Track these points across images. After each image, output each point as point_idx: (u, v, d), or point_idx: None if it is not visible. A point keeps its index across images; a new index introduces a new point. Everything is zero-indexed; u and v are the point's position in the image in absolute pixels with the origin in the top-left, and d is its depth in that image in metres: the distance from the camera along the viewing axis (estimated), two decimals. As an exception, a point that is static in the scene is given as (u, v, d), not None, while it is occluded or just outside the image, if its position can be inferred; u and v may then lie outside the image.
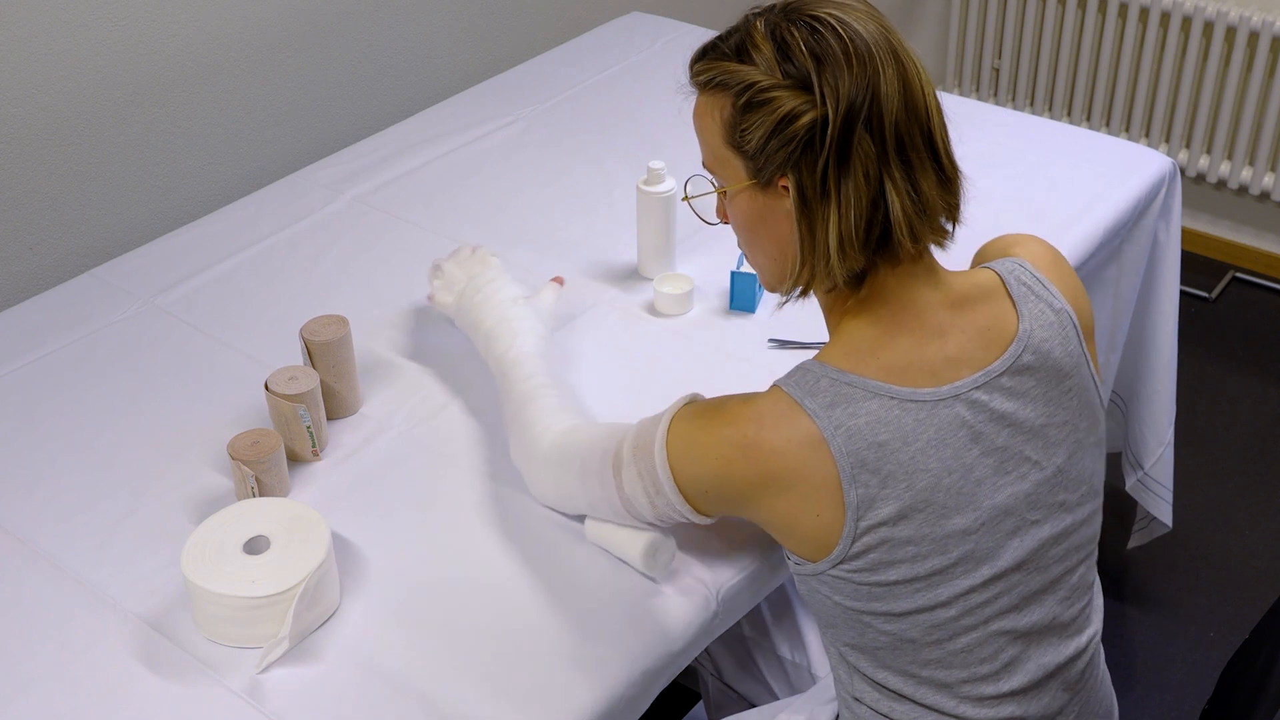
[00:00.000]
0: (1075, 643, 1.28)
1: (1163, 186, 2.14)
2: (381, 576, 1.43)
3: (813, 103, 1.12)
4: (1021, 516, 1.21)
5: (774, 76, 1.14)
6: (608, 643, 1.35)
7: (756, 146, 1.16)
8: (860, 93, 1.12)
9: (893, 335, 1.19)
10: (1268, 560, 2.52)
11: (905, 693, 1.24)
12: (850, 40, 1.13)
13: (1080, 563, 1.28)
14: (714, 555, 1.44)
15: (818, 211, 1.15)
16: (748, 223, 1.23)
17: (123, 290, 1.92)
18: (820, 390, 1.16)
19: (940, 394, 1.17)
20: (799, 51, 1.13)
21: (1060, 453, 1.23)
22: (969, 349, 1.19)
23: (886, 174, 1.13)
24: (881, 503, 1.15)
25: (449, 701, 1.29)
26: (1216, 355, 3.08)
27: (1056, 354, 1.22)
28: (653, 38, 2.63)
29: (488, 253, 1.75)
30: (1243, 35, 3.08)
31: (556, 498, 1.45)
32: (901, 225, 1.14)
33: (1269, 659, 1.31)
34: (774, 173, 1.16)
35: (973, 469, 1.18)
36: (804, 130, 1.13)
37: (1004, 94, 3.56)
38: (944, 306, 1.20)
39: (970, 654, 1.22)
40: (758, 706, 1.66)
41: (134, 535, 1.49)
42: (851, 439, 1.14)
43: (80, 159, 2.04)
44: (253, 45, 2.23)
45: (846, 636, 1.25)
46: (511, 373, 1.56)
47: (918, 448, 1.16)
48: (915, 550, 1.17)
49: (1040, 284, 1.25)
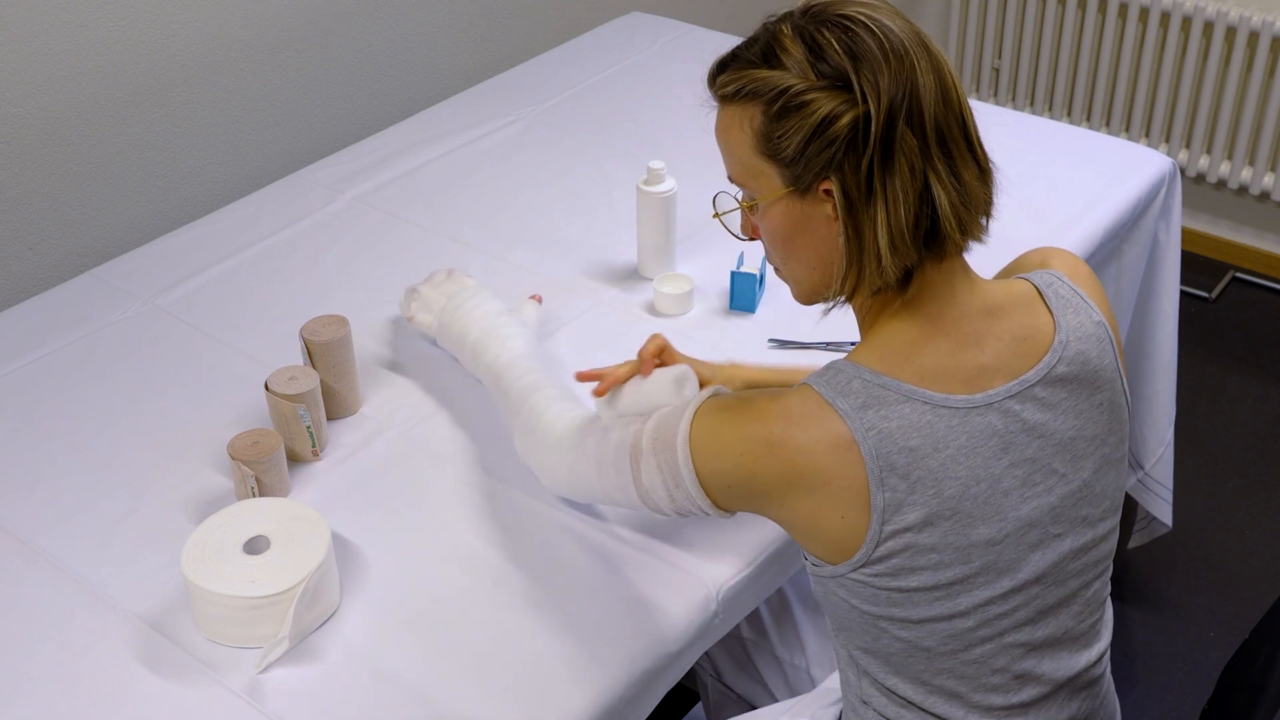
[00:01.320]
0: (1086, 656, 1.27)
1: (1163, 186, 2.14)
2: (381, 576, 1.43)
3: (852, 102, 1.11)
4: (1045, 529, 1.20)
5: (808, 79, 1.12)
6: (608, 643, 1.35)
7: (794, 153, 1.14)
8: (900, 88, 1.11)
9: (929, 338, 1.17)
10: (1268, 560, 2.52)
11: (915, 701, 1.23)
12: (885, 37, 1.12)
13: (1096, 578, 1.27)
14: (714, 556, 1.44)
15: (864, 212, 1.13)
16: (785, 233, 1.20)
17: (123, 290, 1.92)
18: (853, 391, 1.15)
19: (974, 401, 1.16)
20: (834, 51, 1.12)
21: (1087, 466, 1.22)
22: (1004, 357, 1.18)
23: (930, 168, 1.12)
24: (908, 508, 1.14)
25: (449, 701, 1.29)
26: (1216, 355, 3.08)
27: (1093, 365, 1.21)
28: (653, 38, 2.63)
29: (463, 274, 1.75)
30: (1243, 35, 3.08)
31: (570, 486, 1.43)
32: (949, 218, 1.14)
33: (1269, 659, 1.31)
34: (814, 178, 1.14)
35: (1000, 480, 1.17)
36: (846, 130, 1.11)
37: (1004, 94, 3.56)
38: (981, 313, 1.19)
39: (983, 665, 1.21)
40: (757, 708, 1.66)
41: (134, 535, 1.49)
42: (883, 442, 1.13)
43: (80, 159, 2.04)
44: (253, 45, 2.23)
45: (860, 641, 1.24)
46: (506, 374, 1.55)
47: (948, 454, 1.14)
48: (938, 558, 1.16)
49: (1079, 297, 1.23)
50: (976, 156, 1.16)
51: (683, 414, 1.25)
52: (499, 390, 1.57)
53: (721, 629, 1.44)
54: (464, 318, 1.67)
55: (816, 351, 1.75)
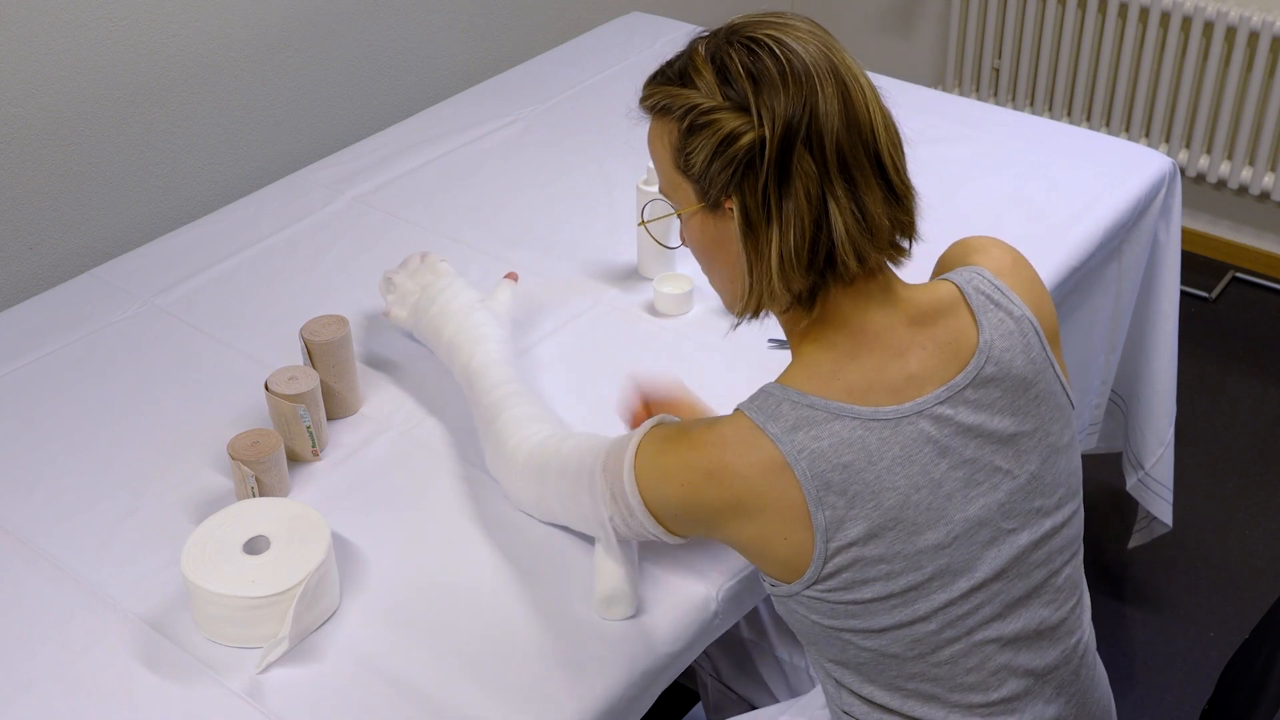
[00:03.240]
0: (1064, 645, 1.27)
1: (1163, 186, 2.14)
2: (381, 576, 1.43)
3: (752, 123, 1.13)
4: (997, 526, 1.20)
5: (715, 99, 1.15)
6: (608, 643, 1.35)
7: (701, 169, 1.16)
8: (798, 112, 1.12)
9: (852, 357, 1.18)
10: (1268, 560, 2.52)
11: (893, 706, 1.23)
12: (787, 60, 1.13)
13: (1065, 564, 1.27)
14: (714, 556, 1.44)
15: (761, 232, 1.15)
16: (702, 245, 1.24)
17: (123, 290, 1.92)
18: (782, 414, 1.16)
19: (903, 410, 1.16)
20: (737, 73, 1.14)
21: (1033, 460, 1.22)
22: (930, 365, 1.18)
23: (829, 193, 1.13)
24: (850, 523, 1.15)
25: (449, 701, 1.29)
26: (1216, 355, 3.08)
27: (1019, 363, 1.21)
28: (653, 38, 2.63)
29: (437, 259, 1.74)
30: (1243, 35, 3.08)
31: (536, 510, 1.47)
32: (845, 245, 1.14)
33: (1269, 659, 1.31)
34: (719, 194, 1.17)
35: (942, 483, 1.17)
36: (744, 151, 1.13)
37: (1004, 94, 3.56)
38: (904, 324, 1.19)
39: (955, 665, 1.21)
40: (757, 709, 1.66)
41: (134, 535, 1.49)
42: (815, 461, 1.14)
43: (80, 159, 2.04)
44: (253, 45, 2.23)
45: (829, 653, 1.25)
46: (478, 383, 1.56)
47: (883, 466, 1.15)
48: (888, 568, 1.16)
49: (999, 291, 1.23)
50: (889, 181, 1.16)
51: (627, 445, 1.27)
52: (472, 396, 1.57)
53: (721, 629, 1.44)
54: (438, 314, 1.67)
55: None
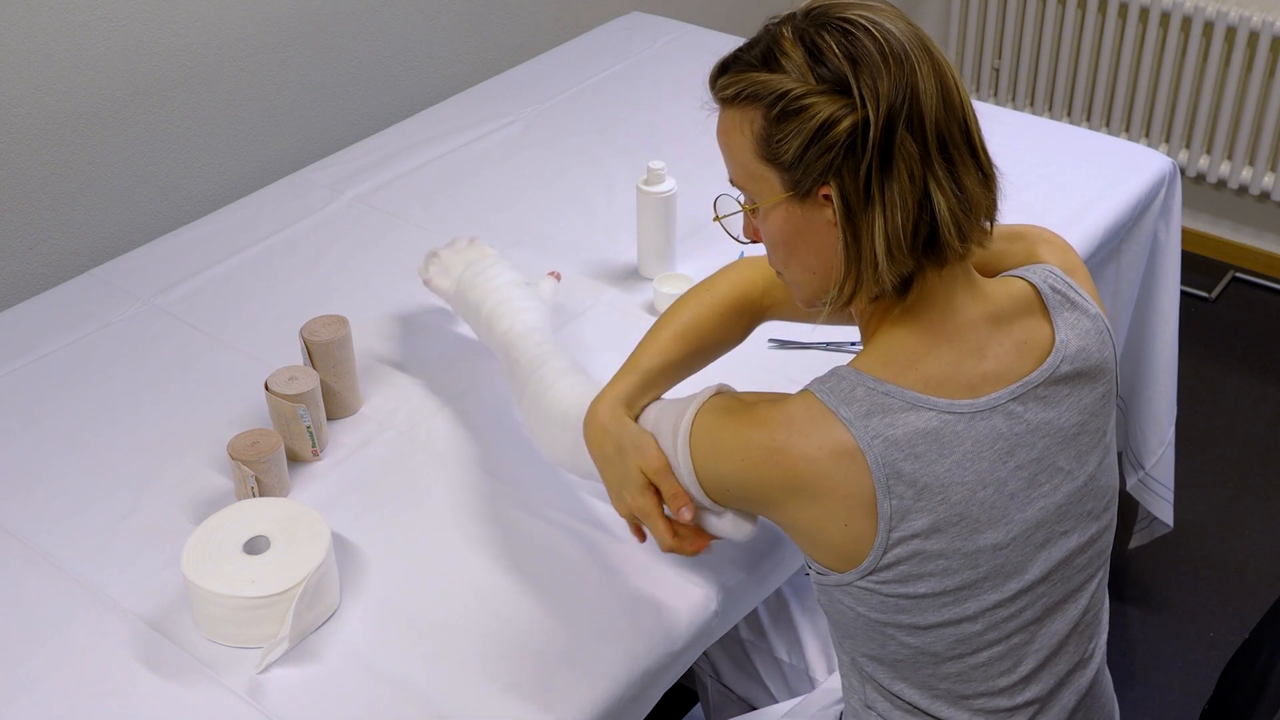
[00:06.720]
0: (1088, 648, 1.27)
1: (1163, 186, 2.14)
2: (381, 576, 1.43)
3: (851, 106, 1.09)
4: (1051, 529, 1.20)
5: (807, 83, 1.11)
6: (608, 643, 1.35)
7: (793, 157, 1.12)
8: (900, 92, 1.09)
9: (932, 346, 1.17)
10: (1268, 560, 2.52)
11: (921, 705, 1.23)
12: (885, 40, 1.10)
13: (1100, 569, 1.27)
14: (714, 556, 1.44)
15: (862, 218, 1.12)
16: (785, 237, 1.19)
17: (123, 290, 1.92)
18: (856, 398, 1.14)
19: (978, 405, 1.15)
20: (833, 55, 1.10)
21: (1092, 460, 1.22)
22: (1006, 363, 1.17)
23: (930, 174, 1.11)
24: (915, 515, 1.13)
25: (449, 701, 1.29)
26: (1216, 355, 3.08)
27: (1094, 360, 1.21)
28: (653, 38, 2.63)
29: (484, 244, 1.74)
30: (1243, 35, 3.08)
31: (572, 464, 1.43)
32: (949, 224, 1.12)
33: (1269, 659, 1.31)
34: (814, 183, 1.13)
35: (1006, 483, 1.16)
36: (845, 135, 1.09)
37: (1004, 94, 3.56)
38: (984, 321, 1.18)
39: (990, 667, 1.21)
40: (756, 709, 1.66)
41: (134, 535, 1.49)
42: (889, 449, 1.12)
43: (80, 159, 2.04)
44: (253, 45, 2.23)
45: (866, 648, 1.23)
46: (518, 344, 1.55)
47: (954, 460, 1.14)
48: (945, 564, 1.15)
49: (1073, 290, 1.23)
50: (979, 161, 1.15)
51: (685, 411, 1.25)
52: (508, 361, 1.56)
53: (721, 629, 1.44)
54: (481, 286, 1.66)
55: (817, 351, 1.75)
